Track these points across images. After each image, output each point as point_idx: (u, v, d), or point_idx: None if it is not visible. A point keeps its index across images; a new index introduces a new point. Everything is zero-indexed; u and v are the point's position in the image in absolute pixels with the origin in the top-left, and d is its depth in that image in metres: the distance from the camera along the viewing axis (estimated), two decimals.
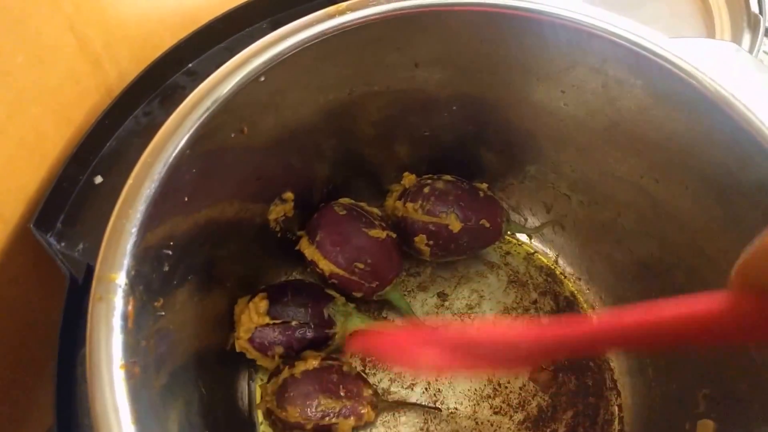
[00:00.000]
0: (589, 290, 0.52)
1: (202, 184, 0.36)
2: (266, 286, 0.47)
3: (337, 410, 0.42)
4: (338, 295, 0.47)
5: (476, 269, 0.54)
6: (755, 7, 0.58)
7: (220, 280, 0.43)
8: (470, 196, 0.48)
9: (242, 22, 0.48)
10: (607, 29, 0.36)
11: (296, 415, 0.41)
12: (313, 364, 0.43)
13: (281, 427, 0.43)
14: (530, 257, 0.54)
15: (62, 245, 0.38)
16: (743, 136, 0.33)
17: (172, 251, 0.35)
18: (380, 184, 0.52)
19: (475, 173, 0.51)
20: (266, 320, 0.43)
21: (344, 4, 0.37)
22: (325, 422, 0.42)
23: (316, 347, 0.45)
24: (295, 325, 0.44)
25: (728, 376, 0.38)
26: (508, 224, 0.51)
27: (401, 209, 0.49)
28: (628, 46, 0.36)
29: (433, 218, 0.47)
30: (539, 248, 0.55)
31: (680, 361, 0.42)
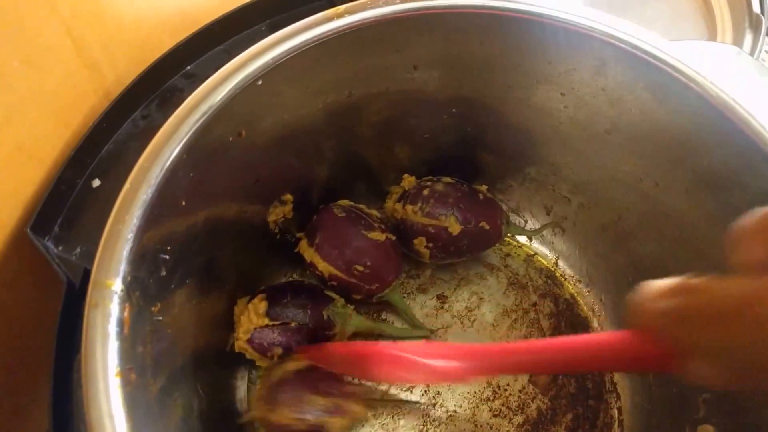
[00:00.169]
0: (589, 292, 0.52)
1: (199, 187, 0.36)
2: (266, 287, 0.47)
3: (327, 409, 0.41)
4: (338, 296, 0.47)
5: (476, 271, 0.53)
6: (757, 7, 0.57)
7: (218, 282, 0.43)
8: (470, 198, 0.48)
9: (241, 24, 0.47)
10: (606, 32, 0.36)
11: (286, 414, 0.41)
12: (296, 366, 0.43)
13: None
14: (530, 259, 0.54)
15: (59, 249, 0.38)
16: (744, 140, 0.33)
17: (169, 255, 0.34)
18: (380, 185, 0.52)
19: (474, 175, 0.51)
20: (265, 321, 0.43)
21: (342, 7, 0.37)
22: (315, 421, 0.41)
23: None
24: (294, 326, 0.44)
25: None
26: (507, 226, 0.50)
27: (401, 211, 0.49)
28: (628, 49, 0.36)
29: (432, 220, 0.47)
30: (539, 250, 0.54)
31: None
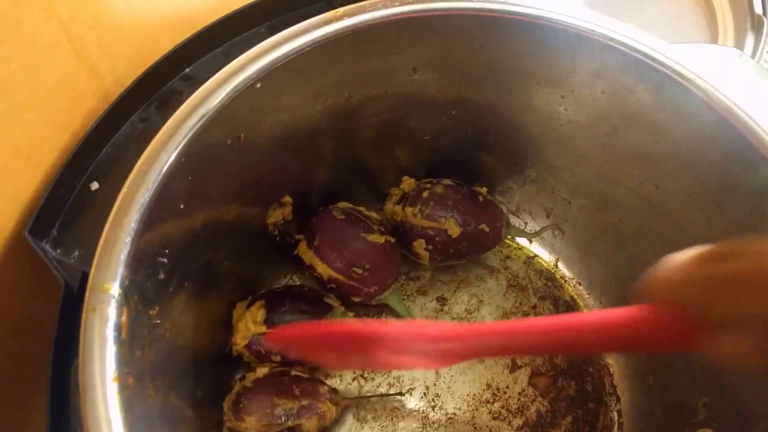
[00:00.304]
0: (589, 295, 0.52)
1: (198, 190, 0.36)
2: (265, 291, 0.47)
3: (295, 410, 0.41)
4: (337, 304, 0.47)
5: (476, 273, 0.53)
6: (759, 8, 0.57)
7: (217, 284, 0.43)
8: (469, 200, 0.48)
9: (240, 26, 0.47)
10: (607, 35, 0.36)
11: (255, 422, 0.40)
12: (263, 371, 0.43)
13: None
14: (530, 261, 0.54)
15: (58, 252, 0.38)
16: (745, 144, 0.33)
17: (167, 259, 0.34)
18: (379, 188, 0.52)
19: (474, 177, 0.51)
20: (263, 329, 0.43)
21: (341, 9, 0.37)
22: (287, 425, 0.41)
23: None
24: None
25: (729, 385, 0.38)
26: (507, 228, 0.50)
27: (400, 214, 0.48)
28: (628, 52, 0.35)
29: (432, 223, 0.47)
30: (539, 252, 0.54)
31: (680, 368, 0.42)
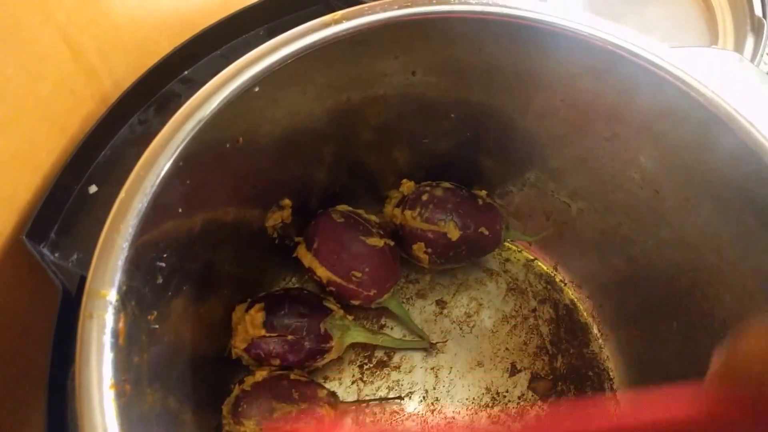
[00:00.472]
0: (589, 298, 0.52)
1: (196, 194, 0.35)
2: (265, 294, 0.47)
3: (294, 414, 0.41)
4: (336, 307, 0.47)
5: (475, 276, 0.53)
6: (759, 10, 0.57)
7: (216, 288, 0.43)
8: (469, 203, 0.48)
9: (239, 28, 0.47)
10: (606, 39, 0.36)
11: (253, 426, 0.40)
12: (262, 375, 0.43)
13: None
14: (530, 264, 0.54)
15: (56, 256, 0.38)
16: (745, 149, 0.33)
17: (165, 263, 0.34)
18: (378, 190, 0.52)
19: (474, 180, 0.51)
20: (262, 333, 0.43)
21: (340, 12, 0.36)
22: (285, 429, 0.41)
23: (312, 360, 0.45)
24: (291, 339, 0.43)
25: None
26: (507, 231, 0.50)
27: (399, 217, 0.48)
28: (628, 56, 0.35)
29: (431, 226, 0.47)
30: (539, 255, 0.54)
31: (680, 374, 0.42)
